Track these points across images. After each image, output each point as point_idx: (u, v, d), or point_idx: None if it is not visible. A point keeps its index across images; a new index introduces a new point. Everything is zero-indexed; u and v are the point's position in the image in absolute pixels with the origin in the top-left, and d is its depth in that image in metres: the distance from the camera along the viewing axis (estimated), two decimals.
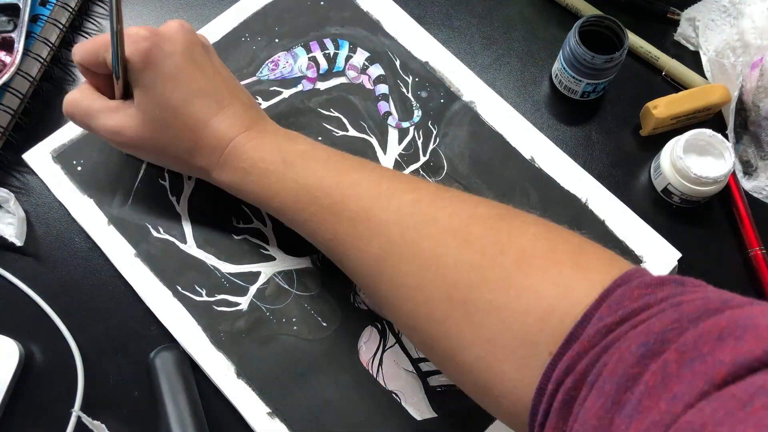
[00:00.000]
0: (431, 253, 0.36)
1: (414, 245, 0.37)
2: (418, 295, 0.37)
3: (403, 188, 0.40)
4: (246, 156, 0.43)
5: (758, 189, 0.53)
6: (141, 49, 0.41)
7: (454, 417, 0.45)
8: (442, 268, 0.36)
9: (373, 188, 0.40)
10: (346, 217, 0.40)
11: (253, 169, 0.43)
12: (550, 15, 0.59)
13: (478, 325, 0.34)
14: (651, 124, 0.53)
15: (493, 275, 0.35)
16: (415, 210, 0.38)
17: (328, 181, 0.41)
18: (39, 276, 0.49)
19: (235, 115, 0.44)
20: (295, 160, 0.42)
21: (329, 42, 0.56)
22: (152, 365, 0.45)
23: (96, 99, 0.44)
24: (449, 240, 0.36)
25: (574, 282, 0.33)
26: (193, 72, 0.43)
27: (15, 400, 0.46)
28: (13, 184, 0.51)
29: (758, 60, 0.52)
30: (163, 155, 0.45)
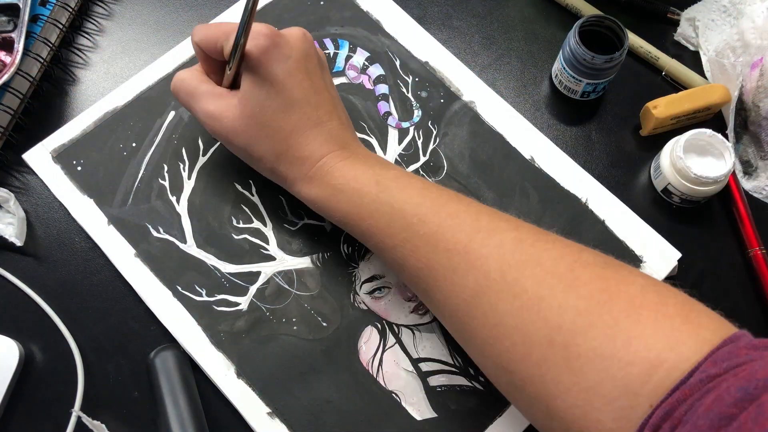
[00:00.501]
0: (534, 294, 0.36)
1: (516, 284, 0.36)
2: (515, 334, 0.36)
3: (503, 225, 0.39)
4: (339, 174, 0.42)
5: (758, 189, 0.53)
6: (259, 46, 0.41)
7: (454, 417, 0.45)
8: (545, 310, 0.35)
9: (472, 222, 0.39)
10: (442, 248, 0.39)
11: (345, 187, 0.42)
12: (550, 15, 0.59)
13: (578, 371, 0.33)
14: (651, 124, 0.53)
15: (600, 322, 0.34)
16: (517, 248, 0.38)
17: (424, 209, 0.40)
18: (39, 276, 0.49)
19: (331, 132, 0.44)
20: (389, 184, 0.42)
21: (329, 42, 0.56)
22: (152, 365, 0.45)
23: (203, 82, 0.45)
24: (554, 283, 0.36)
25: (684, 336, 0.32)
26: (302, 80, 0.43)
27: (15, 400, 0.46)
28: (13, 184, 0.51)
29: (758, 60, 0.52)
30: (250, 152, 0.45)
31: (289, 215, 0.50)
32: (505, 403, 0.46)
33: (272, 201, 0.51)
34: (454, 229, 0.39)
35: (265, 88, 0.42)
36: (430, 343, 0.47)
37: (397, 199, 0.41)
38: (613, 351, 0.33)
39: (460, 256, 0.38)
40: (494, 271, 0.37)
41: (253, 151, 0.44)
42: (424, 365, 0.47)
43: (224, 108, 0.44)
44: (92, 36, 0.56)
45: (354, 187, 0.42)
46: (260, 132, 0.43)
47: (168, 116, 0.53)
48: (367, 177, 0.42)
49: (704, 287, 0.51)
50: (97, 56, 0.56)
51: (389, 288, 0.48)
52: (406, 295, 0.48)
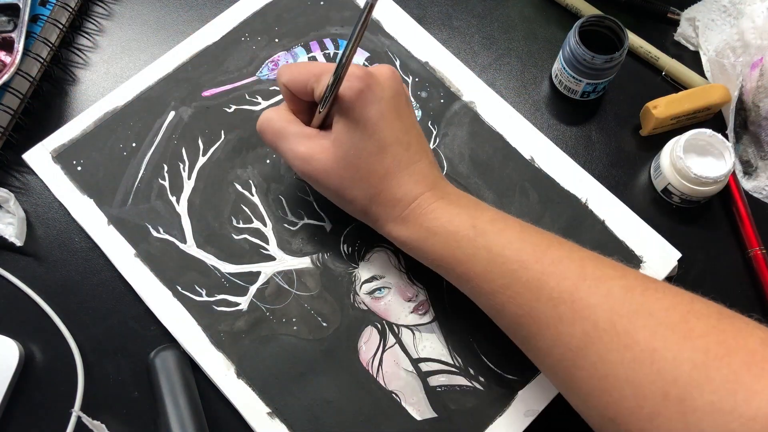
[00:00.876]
0: (646, 345, 0.34)
1: (627, 335, 0.35)
2: (626, 387, 0.35)
3: (609, 273, 0.38)
4: (433, 216, 0.42)
5: (758, 189, 0.53)
6: (354, 88, 0.41)
7: (454, 417, 0.45)
8: (658, 362, 0.34)
9: (577, 268, 0.38)
10: (546, 296, 0.38)
11: (440, 230, 0.41)
12: (550, 15, 0.59)
13: (694, 426, 0.32)
14: (651, 124, 0.53)
15: (719, 376, 0.32)
16: (626, 297, 0.36)
17: (526, 255, 0.39)
18: (39, 276, 0.49)
19: (422, 172, 0.43)
20: (486, 228, 0.40)
21: (329, 42, 0.56)
22: (152, 365, 0.45)
23: (292, 122, 0.44)
24: (668, 334, 0.34)
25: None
26: (394, 121, 0.42)
27: (15, 400, 0.46)
28: (13, 184, 0.51)
29: (758, 60, 0.52)
30: (342, 194, 0.44)
31: (289, 215, 0.50)
32: (505, 403, 0.46)
33: (272, 201, 0.51)
34: (558, 276, 0.38)
35: (358, 130, 0.42)
36: (430, 343, 0.47)
37: (496, 243, 0.40)
38: (733, 406, 0.32)
39: (566, 305, 0.37)
40: (603, 321, 0.36)
41: (345, 194, 0.43)
42: (424, 365, 0.47)
43: (316, 150, 0.43)
44: (92, 36, 0.56)
45: (449, 230, 0.41)
46: (354, 174, 0.42)
47: (168, 116, 0.53)
48: (462, 220, 0.41)
49: (704, 287, 0.50)
50: (97, 56, 0.56)
51: (389, 288, 0.48)
52: (406, 295, 0.48)
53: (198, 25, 0.56)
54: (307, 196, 0.51)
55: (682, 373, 0.33)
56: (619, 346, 0.35)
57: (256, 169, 0.51)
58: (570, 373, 0.37)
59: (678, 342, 0.34)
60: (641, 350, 0.35)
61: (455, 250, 0.41)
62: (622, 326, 0.35)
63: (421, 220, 0.42)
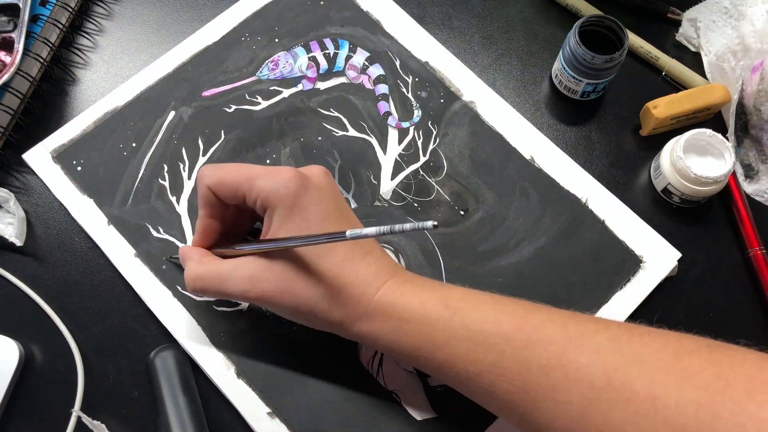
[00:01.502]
0: (646, 395, 0.33)
1: (624, 389, 0.33)
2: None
3: (591, 327, 0.37)
4: (402, 302, 0.39)
5: (760, 192, 0.53)
6: (291, 193, 0.39)
7: (454, 417, 0.45)
8: (662, 410, 0.32)
9: (559, 330, 0.36)
10: (536, 365, 0.36)
11: (413, 316, 0.38)
12: (550, 15, 0.59)
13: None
14: (651, 124, 0.53)
15: (724, 411, 0.31)
16: (615, 349, 0.35)
17: (506, 327, 0.37)
18: (39, 276, 0.49)
19: (379, 261, 0.40)
20: (459, 306, 0.38)
21: (329, 42, 0.56)
22: (152, 365, 0.45)
23: (219, 262, 0.42)
24: (664, 378, 0.33)
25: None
26: (338, 218, 0.40)
27: (15, 400, 0.46)
28: (13, 184, 0.51)
29: (758, 64, 0.52)
30: (299, 307, 0.40)
31: None
32: None
33: None
34: (545, 342, 0.36)
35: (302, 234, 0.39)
36: None
37: (473, 320, 0.37)
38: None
39: (558, 371, 0.35)
40: (599, 379, 0.34)
41: (302, 306, 0.40)
42: None
43: (260, 271, 0.40)
44: (92, 36, 0.56)
45: (423, 314, 0.38)
46: (307, 281, 0.39)
47: (168, 116, 0.53)
48: (433, 302, 0.38)
49: (704, 287, 0.51)
50: (97, 56, 0.56)
51: None
52: None
53: (198, 25, 0.56)
54: None
55: (688, 417, 0.32)
56: (620, 402, 0.34)
57: None
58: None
59: (676, 384, 0.33)
60: (642, 401, 0.33)
61: (432, 334, 0.38)
62: (618, 380, 0.34)
63: (390, 310, 0.39)
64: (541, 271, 0.49)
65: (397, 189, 0.51)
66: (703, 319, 0.49)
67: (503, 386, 0.36)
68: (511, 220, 0.51)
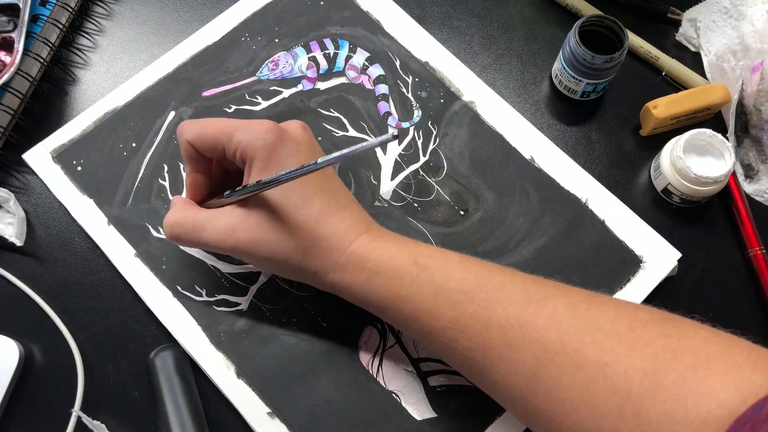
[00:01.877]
0: (597, 361, 0.34)
1: (577, 354, 0.35)
2: (582, 408, 0.34)
3: (552, 292, 0.38)
4: (373, 256, 0.40)
5: (760, 192, 0.53)
6: (267, 145, 0.40)
7: (454, 417, 0.45)
8: (611, 377, 0.34)
9: (520, 292, 0.38)
10: (494, 324, 0.37)
11: (382, 269, 0.40)
12: (550, 15, 0.59)
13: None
14: (651, 124, 0.53)
15: (668, 382, 0.33)
16: (572, 314, 0.36)
17: (470, 285, 0.38)
18: (39, 276, 0.49)
19: (354, 216, 0.42)
20: (428, 262, 0.40)
21: (329, 42, 0.56)
22: (152, 365, 0.45)
23: (198, 210, 0.43)
24: (616, 346, 0.34)
25: (756, 387, 0.31)
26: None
27: (15, 400, 0.46)
28: (13, 184, 0.51)
29: (758, 64, 0.52)
30: (274, 257, 0.41)
31: None
32: None
33: None
34: (504, 302, 0.37)
35: (278, 187, 0.40)
36: None
37: (438, 277, 0.39)
38: (684, 413, 0.32)
39: (515, 330, 0.36)
40: (553, 342, 0.36)
41: (277, 255, 0.41)
42: (424, 365, 0.47)
43: (236, 221, 0.41)
44: (92, 36, 0.56)
45: (392, 268, 0.40)
46: (282, 233, 0.40)
47: (168, 116, 0.53)
48: (403, 257, 0.40)
49: (704, 287, 0.51)
50: (97, 56, 0.56)
51: None
52: None
53: (198, 25, 0.56)
54: None
55: (633, 385, 0.33)
56: (571, 366, 0.35)
57: None
58: (527, 401, 0.37)
59: (626, 353, 0.34)
60: (592, 367, 0.34)
61: (399, 288, 0.39)
62: (571, 345, 0.35)
63: (362, 263, 0.40)
64: (541, 271, 0.49)
65: (397, 189, 0.52)
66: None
67: (464, 342, 0.38)
68: (511, 220, 0.51)
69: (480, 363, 0.38)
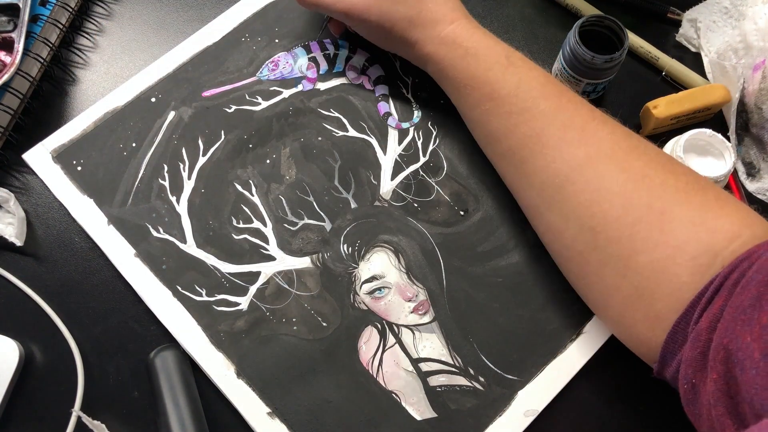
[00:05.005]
0: (640, 171, 0.41)
1: (624, 161, 0.42)
2: (615, 199, 0.41)
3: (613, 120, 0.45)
4: (472, 39, 0.47)
5: (762, 190, 0.53)
6: None
7: (454, 417, 0.45)
8: (648, 183, 0.41)
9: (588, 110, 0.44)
10: (560, 123, 0.43)
11: (477, 52, 0.46)
12: (550, 15, 0.59)
13: (669, 232, 0.39)
14: (651, 124, 0.53)
15: (696, 199, 0.40)
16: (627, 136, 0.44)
17: (548, 90, 0.45)
18: (39, 276, 0.49)
19: (456, 2, 0.49)
20: (518, 62, 0.46)
21: (329, 43, 0.56)
22: (152, 365, 0.45)
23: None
24: (658, 167, 0.42)
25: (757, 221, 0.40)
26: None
27: (15, 400, 0.46)
28: (13, 184, 0.51)
29: (761, 62, 0.52)
30: (383, 23, 0.48)
31: (289, 215, 0.50)
32: (505, 403, 0.46)
33: (272, 201, 0.51)
34: (572, 111, 0.44)
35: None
36: (430, 343, 0.47)
37: (524, 75, 0.45)
38: (704, 219, 0.39)
39: (576, 132, 0.43)
40: (606, 149, 0.42)
41: (385, 21, 0.48)
42: (424, 365, 0.47)
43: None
44: (92, 36, 0.56)
45: (486, 54, 0.46)
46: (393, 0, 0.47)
47: (168, 116, 0.53)
48: (497, 49, 0.46)
49: None
50: (97, 56, 0.56)
51: (389, 288, 0.48)
52: (405, 295, 0.48)
53: (198, 25, 0.56)
54: (307, 196, 0.51)
55: (667, 192, 0.40)
56: (616, 168, 0.42)
57: (256, 169, 0.51)
58: (560, 188, 0.43)
59: (666, 173, 0.41)
60: (635, 173, 0.41)
61: (487, 71, 0.46)
62: (621, 155, 0.42)
63: (459, 41, 0.47)
64: (541, 271, 0.49)
65: (397, 189, 0.52)
66: None
67: (524, 129, 0.44)
68: (511, 220, 0.51)
69: (528, 149, 0.44)
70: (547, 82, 0.46)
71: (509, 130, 0.45)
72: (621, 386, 0.47)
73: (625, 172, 0.41)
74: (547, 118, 0.44)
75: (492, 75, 0.46)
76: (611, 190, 0.41)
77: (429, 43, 0.48)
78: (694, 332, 0.36)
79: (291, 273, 0.49)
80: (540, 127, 0.44)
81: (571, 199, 0.42)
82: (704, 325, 0.36)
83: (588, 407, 0.46)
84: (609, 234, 0.41)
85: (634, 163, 0.42)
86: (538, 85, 0.45)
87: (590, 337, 0.47)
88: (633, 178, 0.41)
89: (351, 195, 0.51)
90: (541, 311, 0.48)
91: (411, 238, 0.50)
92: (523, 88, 0.45)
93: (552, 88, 0.45)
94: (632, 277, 0.40)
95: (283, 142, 0.52)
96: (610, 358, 0.47)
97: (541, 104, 0.44)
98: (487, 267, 0.49)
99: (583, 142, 0.43)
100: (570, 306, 0.48)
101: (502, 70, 0.45)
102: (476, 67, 0.46)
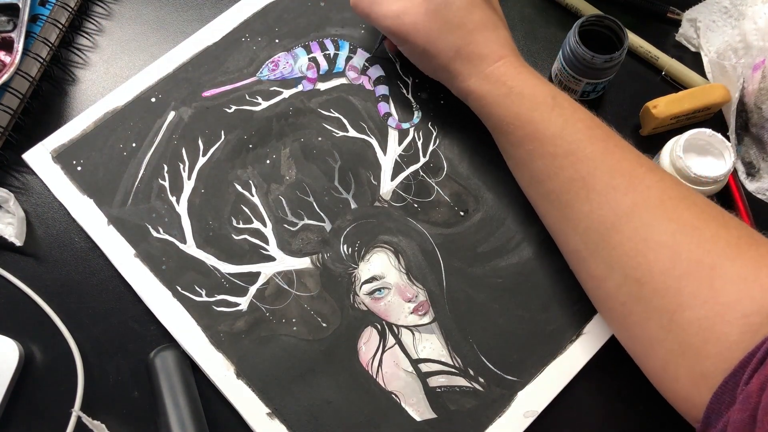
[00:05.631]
0: (689, 222, 0.40)
1: (673, 211, 0.40)
2: (663, 250, 0.39)
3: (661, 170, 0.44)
4: (518, 77, 0.45)
5: (762, 190, 0.53)
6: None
7: (454, 418, 0.45)
8: (698, 236, 0.39)
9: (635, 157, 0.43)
10: (606, 168, 0.42)
11: (522, 91, 0.45)
12: (550, 15, 0.59)
13: (719, 289, 0.37)
14: (651, 124, 0.53)
15: (748, 254, 0.38)
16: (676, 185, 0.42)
17: (594, 134, 0.43)
18: (39, 276, 0.49)
19: (506, 37, 0.47)
20: (564, 103, 0.45)
21: (329, 43, 0.56)
22: (152, 365, 0.45)
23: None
24: (709, 219, 0.40)
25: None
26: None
27: (15, 400, 0.46)
28: (13, 184, 0.51)
29: (760, 62, 0.52)
30: (428, 48, 0.47)
31: (289, 215, 0.50)
32: (504, 404, 0.46)
33: (272, 201, 0.51)
34: (619, 157, 0.43)
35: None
36: (429, 343, 0.47)
37: (570, 118, 0.44)
38: (757, 277, 0.37)
39: (623, 178, 0.42)
40: (654, 198, 0.41)
41: (431, 47, 0.47)
42: (423, 366, 0.47)
43: (409, 5, 0.47)
44: (92, 36, 0.56)
45: (531, 93, 0.45)
46: (443, 26, 0.46)
47: (168, 116, 0.53)
48: (543, 89, 0.45)
49: None
50: (97, 56, 0.56)
51: (389, 289, 0.48)
52: (405, 295, 0.48)
53: (198, 25, 0.56)
54: (307, 197, 0.51)
55: (717, 246, 0.38)
56: (664, 218, 0.40)
57: (256, 169, 0.51)
58: (605, 235, 0.41)
59: (717, 227, 0.40)
60: (684, 225, 0.40)
61: (532, 111, 0.44)
62: (670, 204, 0.41)
63: (504, 79, 0.45)
64: (541, 272, 0.49)
65: (397, 190, 0.52)
66: None
67: (569, 173, 0.43)
68: (511, 220, 0.51)
69: (573, 193, 0.43)
70: (594, 124, 0.44)
71: (553, 172, 0.44)
72: (621, 387, 0.47)
73: (674, 222, 0.40)
74: (594, 162, 0.42)
75: (537, 115, 0.44)
76: (659, 241, 0.39)
77: (472, 77, 0.47)
78: (743, 393, 0.34)
79: (291, 273, 0.49)
80: (586, 171, 0.42)
81: (617, 247, 0.41)
82: (755, 387, 0.33)
83: (588, 408, 0.46)
84: (655, 286, 0.39)
85: (684, 213, 0.40)
86: (584, 127, 0.44)
87: (590, 338, 0.47)
88: (682, 229, 0.39)
89: (351, 195, 0.51)
90: (541, 312, 0.48)
91: (411, 238, 0.50)
92: (569, 130, 0.43)
93: (599, 132, 0.44)
94: (677, 332, 0.38)
95: (283, 142, 0.52)
96: (610, 358, 0.47)
97: (588, 148, 0.43)
98: (487, 268, 0.49)
99: (630, 189, 0.41)
100: (570, 307, 0.48)
101: (547, 111, 0.44)
102: (520, 106, 0.45)
